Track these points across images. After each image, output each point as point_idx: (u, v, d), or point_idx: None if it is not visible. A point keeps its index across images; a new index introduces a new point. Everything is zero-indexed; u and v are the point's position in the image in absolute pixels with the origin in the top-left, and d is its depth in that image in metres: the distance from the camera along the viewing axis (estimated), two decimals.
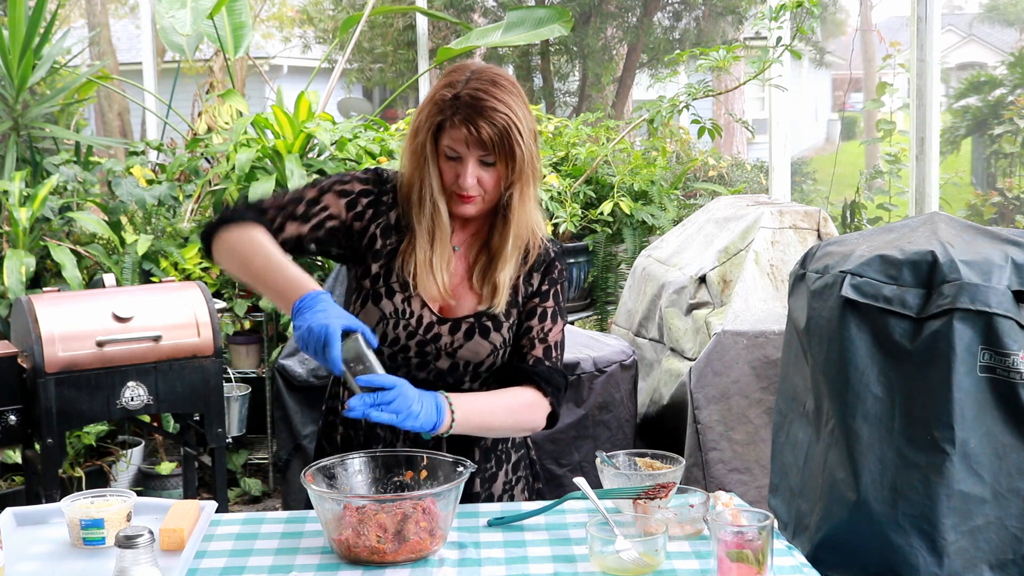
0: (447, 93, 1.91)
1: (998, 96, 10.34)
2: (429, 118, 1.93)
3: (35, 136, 4.60)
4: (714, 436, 3.40)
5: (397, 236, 2.02)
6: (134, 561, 1.48)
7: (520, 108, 1.92)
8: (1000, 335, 2.10)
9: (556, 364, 2.06)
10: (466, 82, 1.91)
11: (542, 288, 2.07)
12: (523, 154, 1.91)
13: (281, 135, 4.56)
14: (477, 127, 1.88)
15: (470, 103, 1.89)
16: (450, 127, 1.90)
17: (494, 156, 1.91)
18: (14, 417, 3.11)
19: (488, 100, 1.89)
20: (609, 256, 4.91)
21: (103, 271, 4.18)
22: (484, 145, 1.89)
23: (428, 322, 2.00)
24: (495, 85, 1.91)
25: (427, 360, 2.01)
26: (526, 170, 1.94)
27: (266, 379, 4.52)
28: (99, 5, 11.87)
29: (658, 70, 11.06)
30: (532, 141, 1.94)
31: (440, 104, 1.92)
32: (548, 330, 2.06)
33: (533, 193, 1.99)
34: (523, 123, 1.91)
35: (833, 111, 24.19)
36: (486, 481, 2.09)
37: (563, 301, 2.10)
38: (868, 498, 2.20)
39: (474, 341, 2.00)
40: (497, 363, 2.04)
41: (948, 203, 7.87)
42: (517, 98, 1.93)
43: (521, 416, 2.01)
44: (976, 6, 23.78)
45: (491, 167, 1.93)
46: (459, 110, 1.89)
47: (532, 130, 1.94)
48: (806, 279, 2.42)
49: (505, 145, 1.90)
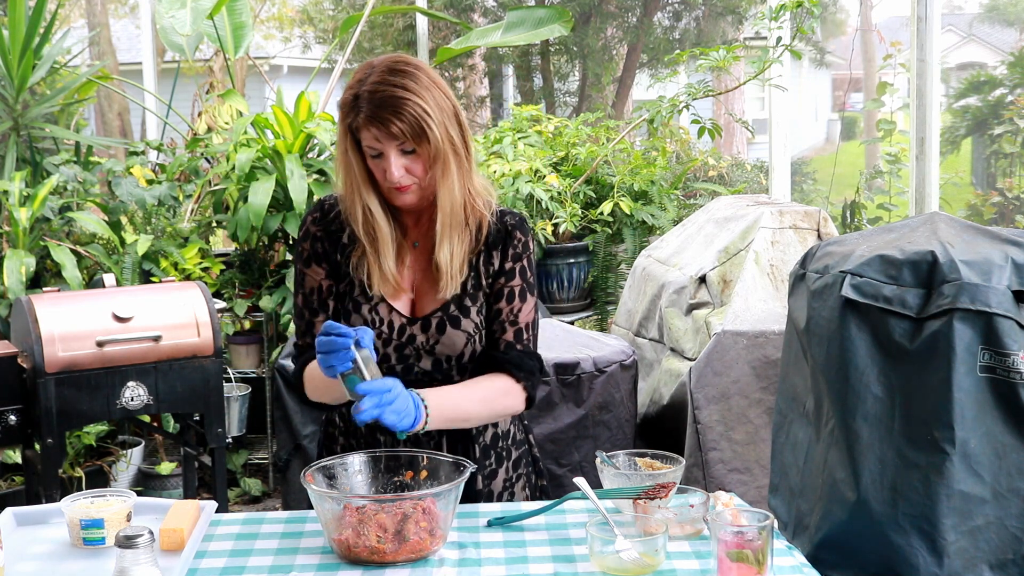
0: (349, 95, 1.92)
1: (998, 96, 10.34)
2: (342, 123, 1.93)
3: (35, 136, 4.60)
4: (714, 436, 3.40)
5: (352, 250, 2.04)
6: (134, 561, 1.48)
7: (425, 90, 1.89)
8: (1000, 335, 2.10)
9: (528, 346, 2.05)
10: (366, 79, 1.90)
11: (505, 266, 2.04)
12: (436, 135, 1.89)
13: (281, 135, 4.56)
14: (384, 121, 1.87)
15: (371, 99, 1.88)
16: (359, 128, 1.90)
17: (412, 143, 1.89)
18: (14, 417, 3.11)
19: (388, 90, 1.87)
20: (609, 256, 4.91)
21: (103, 271, 4.18)
22: (395, 137, 1.88)
23: (399, 325, 2.01)
24: (393, 73, 1.89)
25: (409, 364, 2.02)
26: (443, 148, 1.91)
27: (266, 379, 4.52)
28: (99, 5, 11.87)
29: (658, 70, 11.06)
30: (449, 119, 1.92)
31: (347, 107, 1.92)
32: (518, 311, 2.04)
33: (458, 167, 1.95)
34: (429, 105, 1.88)
35: (833, 111, 24.19)
36: (486, 478, 2.09)
37: (531, 275, 2.07)
38: (868, 498, 2.20)
39: (447, 334, 2.00)
40: (476, 349, 2.03)
41: (948, 203, 7.87)
42: (421, 79, 1.90)
43: (496, 404, 2.01)
44: (976, 6, 23.78)
45: (412, 155, 1.91)
46: (362, 109, 1.89)
47: (444, 107, 1.91)
48: (806, 279, 2.42)
49: (417, 130, 1.88)
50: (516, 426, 2.16)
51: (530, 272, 2.07)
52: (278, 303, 4.37)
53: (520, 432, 2.18)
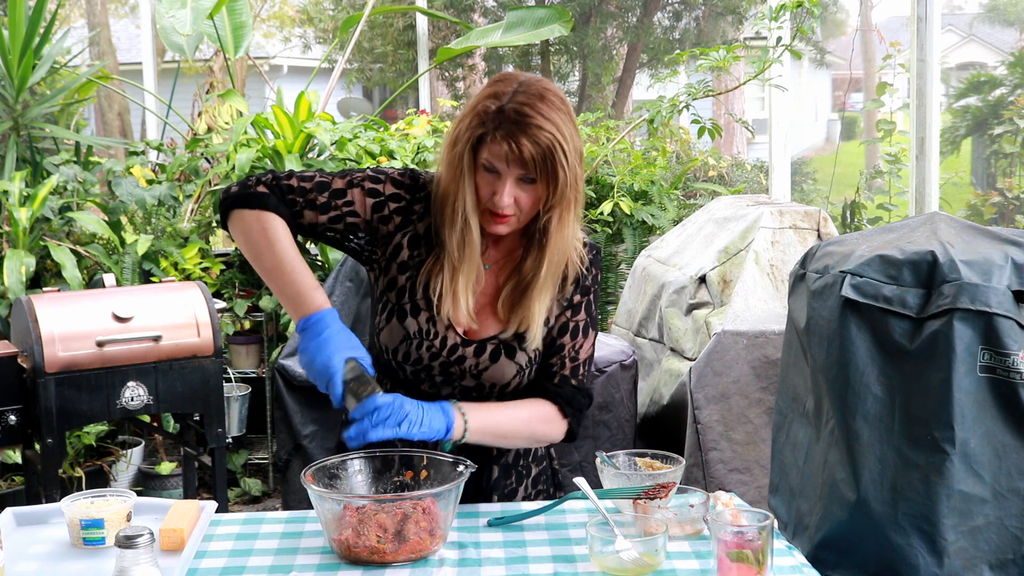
0: (491, 104, 1.81)
1: (998, 96, 10.35)
2: (470, 129, 1.82)
3: (35, 136, 4.60)
4: (714, 436, 3.40)
5: (426, 248, 1.94)
6: (134, 561, 1.48)
7: (567, 127, 1.81)
8: (1000, 335, 2.10)
9: (583, 382, 2.00)
10: (512, 95, 1.80)
11: (574, 300, 1.98)
12: (566, 176, 1.80)
13: (281, 135, 4.56)
14: (519, 144, 1.77)
15: (514, 118, 1.78)
16: (491, 141, 1.80)
17: (535, 175, 1.80)
18: (14, 417, 3.11)
19: (534, 117, 1.78)
20: (609, 256, 4.91)
21: (103, 271, 4.18)
22: (525, 164, 1.79)
23: (452, 344, 1.93)
24: (542, 100, 1.80)
25: (452, 379, 1.96)
26: (568, 193, 1.83)
27: (266, 379, 4.52)
28: (99, 5, 11.87)
29: (658, 70, 11.07)
30: (577, 162, 1.83)
31: (483, 116, 1.81)
32: (579, 347, 1.99)
33: (574, 217, 1.88)
34: (569, 143, 1.80)
35: (833, 111, 24.20)
36: (504, 497, 2.06)
37: (595, 309, 2.01)
38: (868, 498, 2.20)
39: (499, 363, 1.94)
40: (524, 383, 1.97)
41: (948, 203, 7.87)
42: (565, 116, 1.82)
43: (537, 429, 1.97)
44: (976, 6, 23.78)
45: (530, 186, 1.82)
46: (502, 124, 1.78)
47: (578, 150, 1.83)
48: (806, 279, 2.42)
49: (548, 165, 1.79)
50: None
51: (595, 306, 2.01)
52: (278, 303, 4.37)
53: (542, 448, 2.14)
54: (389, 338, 1.95)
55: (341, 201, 1.93)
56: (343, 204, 1.93)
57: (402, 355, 1.94)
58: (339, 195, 1.93)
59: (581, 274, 1.98)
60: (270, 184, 1.92)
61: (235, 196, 1.92)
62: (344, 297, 3.98)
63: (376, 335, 1.98)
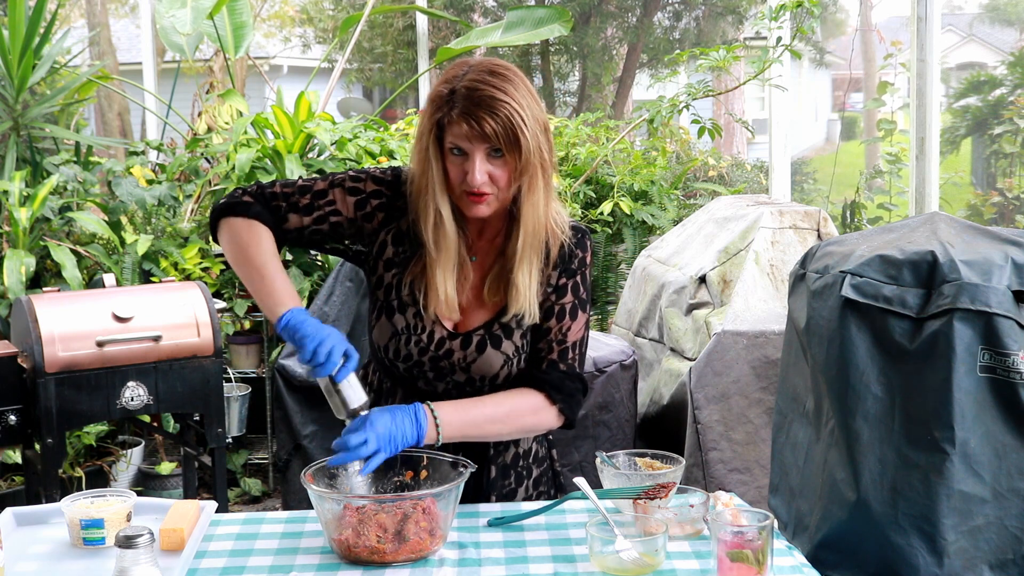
0: (444, 89, 1.85)
1: (998, 96, 10.34)
2: (429, 117, 1.86)
3: (35, 136, 4.60)
4: (714, 436, 3.40)
5: (410, 245, 1.96)
6: (134, 561, 1.48)
7: (524, 97, 1.83)
8: (1000, 335, 2.10)
9: (573, 366, 1.98)
10: (463, 76, 1.84)
11: (559, 283, 1.97)
12: (529, 144, 1.82)
13: (281, 135, 4.56)
14: (478, 119, 1.80)
15: (468, 95, 1.81)
16: (450, 123, 1.82)
17: (500, 146, 1.82)
18: (14, 417, 3.11)
19: (486, 90, 1.81)
20: (609, 256, 4.91)
21: (103, 271, 4.18)
22: (488, 138, 1.81)
23: (439, 337, 1.95)
24: (493, 74, 1.83)
25: (443, 374, 1.97)
26: (533, 160, 1.84)
27: (266, 379, 4.52)
28: (99, 5, 11.86)
29: (658, 70, 11.07)
30: (540, 131, 1.85)
31: (438, 101, 1.85)
32: (567, 329, 1.97)
33: (544, 184, 1.89)
34: (526, 111, 1.82)
35: (833, 111, 24.19)
36: (503, 497, 2.06)
37: (584, 291, 1.99)
38: (868, 498, 2.20)
39: (486, 354, 1.94)
40: (513, 372, 1.97)
41: (948, 203, 7.87)
42: (520, 85, 1.84)
43: (523, 421, 1.96)
44: (976, 6, 23.77)
45: (500, 160, 1.84)
46: (457, 104, 1.82)
47: (538, 119, 1.85)
48: (806, 279, 2.42)
49: (509, 135, 1.81)
50: (539, 444, 2.12)
51: (583, 287, 2.00)
52: None
53: (543, 449, 2.13)
54: (380, 335, 1.97)
55: (323, 201, 1.97)
56: (325, 204, 1.97)
57: (393, 352, 1.96)
58: (321, 196, 1.97)
59: (564, 253, 1.98)
60: (255, 193, 1.97)
61: (222, 207, 1.97)
62: (344, 297, 3.97)
63: (370, 333, 2.00)
